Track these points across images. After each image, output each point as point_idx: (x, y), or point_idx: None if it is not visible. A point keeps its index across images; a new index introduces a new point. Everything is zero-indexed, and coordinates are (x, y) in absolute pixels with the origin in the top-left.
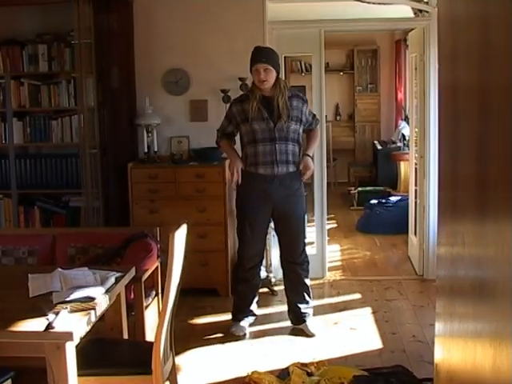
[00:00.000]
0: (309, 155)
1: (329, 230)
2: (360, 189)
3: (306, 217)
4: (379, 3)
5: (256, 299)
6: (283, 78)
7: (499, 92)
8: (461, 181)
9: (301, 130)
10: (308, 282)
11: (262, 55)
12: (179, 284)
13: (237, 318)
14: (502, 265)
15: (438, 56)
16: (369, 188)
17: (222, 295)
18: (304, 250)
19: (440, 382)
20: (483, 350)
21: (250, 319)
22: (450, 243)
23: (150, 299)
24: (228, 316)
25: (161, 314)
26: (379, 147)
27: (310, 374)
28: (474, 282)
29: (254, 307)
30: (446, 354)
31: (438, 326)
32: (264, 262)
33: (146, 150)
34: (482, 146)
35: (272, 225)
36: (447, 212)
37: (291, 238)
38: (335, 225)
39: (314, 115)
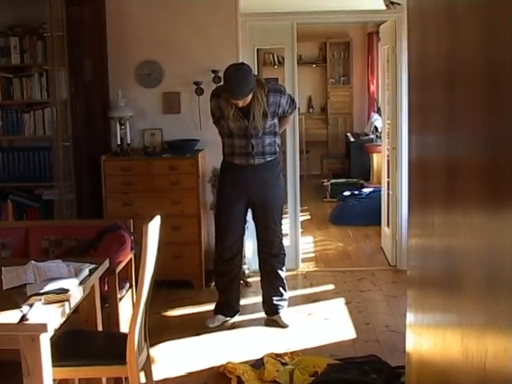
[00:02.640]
0: None
1: (302, 221)
2: (333, 181)
3: (282, 208)
4: None
5: (238, 294)
6: (256, 72)
7: (467, 82)
8: (430, 171)
9: (277, 121)
10: (283, 274)
11: (237, 91)
12: (153, 275)
13: (216, 310)
14: (470, 254)
15: (408, 46)
16: (342, 180)
17: (196, 287)
18: (281, 242)
19: (411, 370)
20: (452, 338)
21: (230, 314)
22: (420, 234)
23: (124, 291)
24: (202, 308)
25: (135, 306)
26: (352, 139)
27: (284, 364)
28: (442, 271)
29: (236, 302)
30: (417, 343)
31: (410, 316)
32: None
33: (118, 143)
34: (451, 135)
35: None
36: (416, 202)
37: (266, 229)
38: (308, 217)
39: (292, 103)
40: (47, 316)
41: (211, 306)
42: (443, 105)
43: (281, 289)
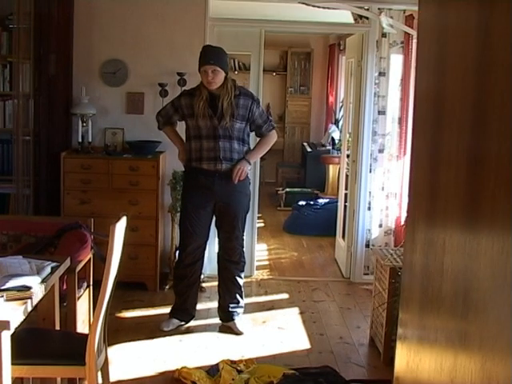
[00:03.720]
0: (246, 159)
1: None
2: (288, 189)
3: (246, 217)
4: (324, 7)
5: (195, 299)
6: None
7: (497, 101)
8: (443, 189)
9: (248, 129)
10: (241, 281)
11: (210, 56)
12: (116, 277)
13: (171, 314)
14: (494, 275)
15: (417, 62)
16: (297, 189)
17: (150, 290)
18: (241, 249)
19: None
20: (469, 361)
21: (185, 318)
22: (424, 251)
23: (82, 290)
24: (156, 311)
25: (97, 307)
26: (309, 149)
27: (239, 372)
28: (456, 293)
29: (192, 307)
30: (413, 361)
31: (404, 334)
32: None
33: (79, 140)
34: (475, 155)
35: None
36: (421, 220)
37: (229, 236)
38: (262, 224)
39: (268, 120)
40: (9, 313)
41: (165, 309)
42: (466, 124)
43: (238, 296)
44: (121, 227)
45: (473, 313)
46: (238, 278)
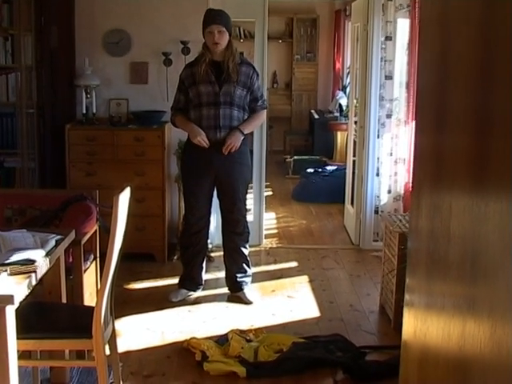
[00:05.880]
0: (240, 129)
1: (264, 197)
2: (296, 157)
3: (247, 187)
4: None
5: (203, 269)
6: None
7: (504, 58)
8: (449, 151)
9: (248, 98)
10: (246, 251)
11: (215, 17)
12: (121, 248)
13: (179, 284)
14: (503, 238)
15: (420, 22)
16: (305, 157)
17: (158, 261)
18: (245, 220)
19: (408, 358)
20: (478, 330)
21: (193, 288)
22: (430, 216)
23: (88, 263)
24: (164, 282)
25: (102, 279)
26: (316, 116)
27: (248, 341)
28: (464, 257)
29: (199, 276)
30: (420, 330)
31: (411, 301)
32: None
33: (84, 112)
34: (482, 115)
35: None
36: (426, 183)
37: (231, 207)
38: (271, 193)
39: (262, 97)
40: (13, 287)
41: (173, 280)
42: (472, 84)
43: (244, 265)
44: (124, 198)
45: (481, 278)
46: (242, 249)
